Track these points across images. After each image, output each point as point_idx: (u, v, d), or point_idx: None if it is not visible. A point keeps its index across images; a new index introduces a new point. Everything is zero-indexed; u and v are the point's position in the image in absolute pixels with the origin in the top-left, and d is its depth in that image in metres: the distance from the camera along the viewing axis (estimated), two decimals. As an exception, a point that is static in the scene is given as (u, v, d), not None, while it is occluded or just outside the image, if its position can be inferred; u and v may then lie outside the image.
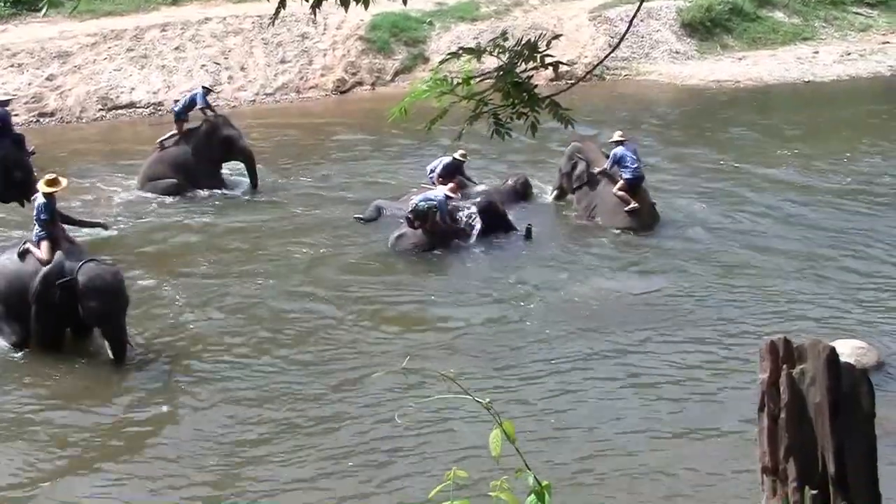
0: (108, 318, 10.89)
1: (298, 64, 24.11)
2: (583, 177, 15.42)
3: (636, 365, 10.96)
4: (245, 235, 14.85)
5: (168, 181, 16.25)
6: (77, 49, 23.16)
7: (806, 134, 20.28)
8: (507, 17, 26.51)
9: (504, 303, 12.58)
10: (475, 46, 4.78)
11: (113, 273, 11.16)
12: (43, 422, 10.00)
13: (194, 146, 16.53)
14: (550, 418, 9.84)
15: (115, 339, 10.89)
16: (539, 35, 5.03)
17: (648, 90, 24.16)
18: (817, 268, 13.54)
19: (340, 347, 11.53)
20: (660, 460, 9.16)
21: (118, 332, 10.90)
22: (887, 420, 9.60)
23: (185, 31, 24.35)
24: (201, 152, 16.45)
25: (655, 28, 26.57)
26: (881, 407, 4.02)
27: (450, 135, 4.96)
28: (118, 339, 10.88)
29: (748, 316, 12.02)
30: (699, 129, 20.91)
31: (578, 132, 14.81)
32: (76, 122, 21.40)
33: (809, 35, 27.54)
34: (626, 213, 14.83)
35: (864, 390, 3.88)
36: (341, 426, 9.82)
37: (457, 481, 3.09)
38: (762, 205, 15.97)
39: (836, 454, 3.81)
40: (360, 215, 15.27)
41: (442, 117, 4.77)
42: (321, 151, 19.15)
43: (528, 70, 4.78)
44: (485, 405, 3.00)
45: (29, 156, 14.35)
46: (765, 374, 3.92)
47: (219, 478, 9.07)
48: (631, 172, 14.98)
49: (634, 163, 15.03)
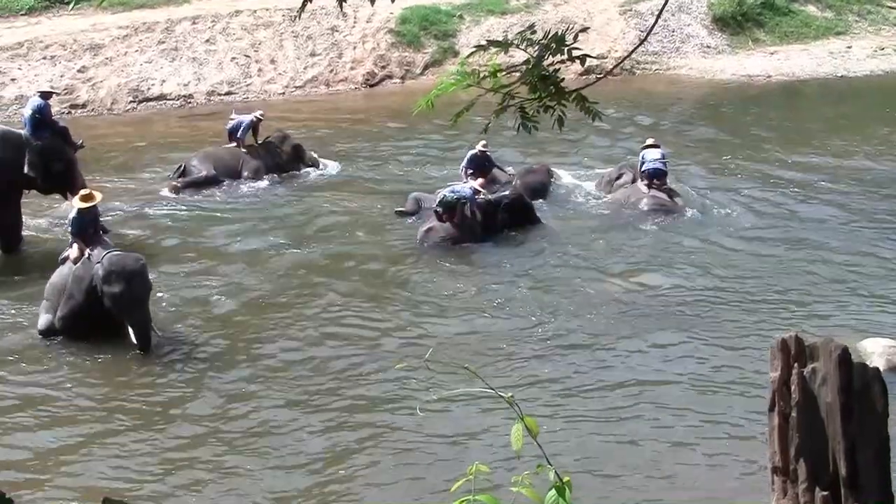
0: (130, 305, 10.94)
1: (328, 57, 24.15)
2: (625, 185, 15.81)
3: (658, 361, 10.89)
4: (276, 228, 14.86)
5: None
6: (109, 41, 23.28)
7: (837, 130, 20.07)
8: (537, 10, 26.42)
9: (528, 298, 12.53)
10: (502, 39, 4.76)
11: (134, 259, 11.28)
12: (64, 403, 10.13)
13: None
14: (571, 413, 9.80)
15: (137, 326, 10.93)
16: (566, 28, 5.00)
17: (679, 85, 24.03)
18: (849, 266, 13.40)
19: (363, 339, 11.54)
20: (678, 457, 9.11)
21: (140, 318, 10.93)
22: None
23: (216, 23, 24.43)
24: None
25: (686, 22, 26.43)
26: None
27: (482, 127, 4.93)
28: (141, 326, 10.92)
29: (775, 316, 11.89)
30: (729, 123, 20.77)
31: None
32: (107, 113, 21.52)
33: (842, 29, 27.30)
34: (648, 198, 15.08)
35: (876, 390, 3.81)
36: (362, 418, 9.82)
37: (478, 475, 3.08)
38: (791, 202, 15.85)
39: (848, 455, 3.75)
40: (400, 208, 15.28)
41: (468, 110, 4.75)
42: (352, 144, 19.15)
43: (555, 63, 4.75)
44: (507, 399, 2.99)
45: (76, 148, 14.34)
46: (776, 372, 3.86)
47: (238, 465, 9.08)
48: (651, 164, 15.37)
49: (658, 161, 15.41)
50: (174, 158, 17.49)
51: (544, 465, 2.97)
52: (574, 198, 16.09)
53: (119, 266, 11.05)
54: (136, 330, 10.94)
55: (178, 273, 13.20)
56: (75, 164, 14.27)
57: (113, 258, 11.17)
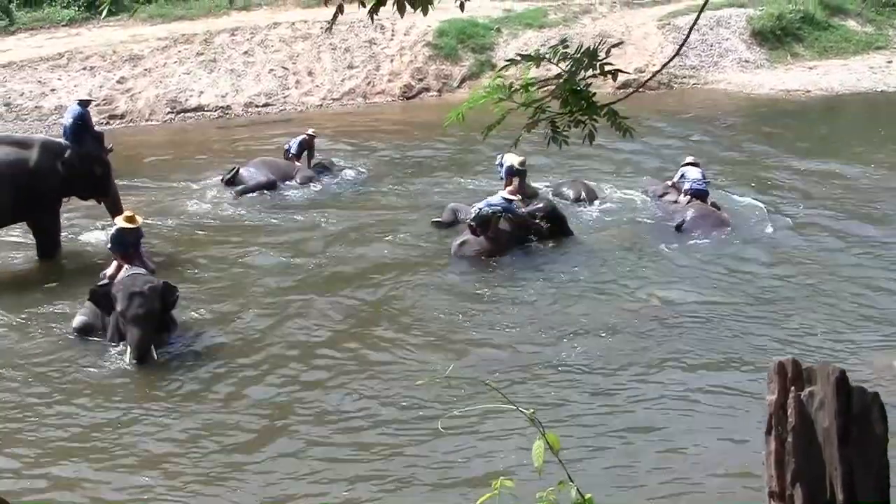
0: (127, 322, 11.08)
1: (366, 69, 24.26)
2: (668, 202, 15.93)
3: (685, 379, 10.72)
4: (310, 238, 14.92)
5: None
6: (148, 52, 23.54)
7: (878, 146, 19.85)
8: (575, 24, 26.44)
9: (558, 313, 12.40)
10: (534, 53, 4.76)
11: (144, 280, 11.36)
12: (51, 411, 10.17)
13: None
14: (594, 430, 9.70)
15: (131, 343, 11.03)
16: (600, 42, 4.99)
17: (717, 99, 23.92)
18: (882, 285, 13.20)
19: (385, 352, 11.48)
20: (703, 476, 8.99)
21: (133, 337, 11.02)
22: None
23: (255, 35, 24.64)
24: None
25: (725, 37, 26.35)
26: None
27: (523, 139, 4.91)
28: (134, 344, 11.00)
29: (810, 333, 11.73)
30: (766, 138, 20.60)
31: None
32: (145, 124, 21.72)
33: (883, 44, 27.11)
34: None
35: (875, 415, 3.75)
36: (383, 433, 9.75)
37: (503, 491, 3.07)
38: (829, 219, 15.60)
39: (845, 480, 3.69)
40: (438, 219, 15.31)
41: (499, 123, 4.76)
42: (388, 156, 19.21)
43: (587, 78, 4.74)
44: (529, 416, 2.98)
45: (107, 153, 14.57)
46: (773, 395, 3.81)
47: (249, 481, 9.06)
48: (692, 184, 15.44)
49: (700, 182, 15.50)
50: (209, 169, 17.66)
51: (566, 482, 2.95)
52: (612, 211, 16.01)
53: (125, 284, 11.28)
54: (130, 347, 11.05)
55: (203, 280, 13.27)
56: (111, 168, 14.55)
57: (126, 277, 11.41)
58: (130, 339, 11.05)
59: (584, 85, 4.72)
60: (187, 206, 16.24)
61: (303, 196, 16.78)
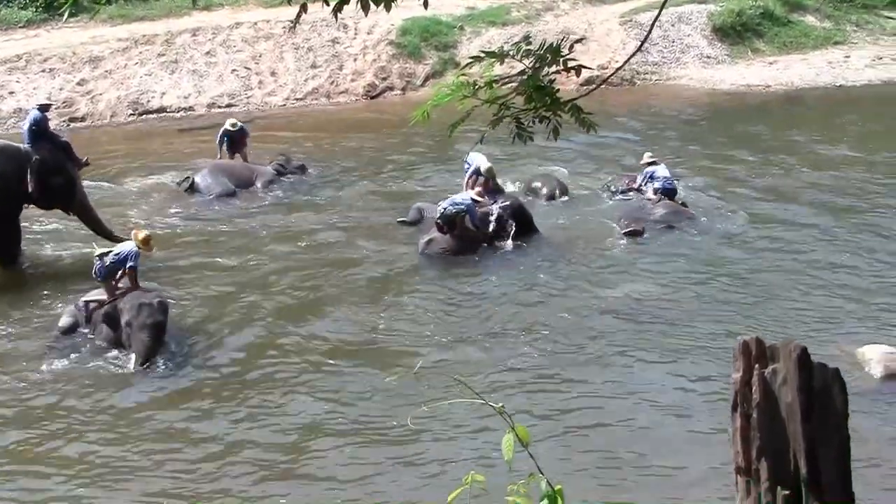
0: (142, 331, 11.23)
1: (329, 69, 24.19)
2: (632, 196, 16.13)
3: (653, 372, 10.86)
4: (280, 239, 14.87)
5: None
6: (108, 54, 23.34)
7: (836, 139, 20.06)
8: (537, 21, 26.48)
9: (525, 309, 12.50)
10: (498, 50, 4.77)
11: (153, 297, 11.65)
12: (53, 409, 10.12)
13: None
14: (564, 423, 9.78)
15: (142, 353, 11.16)
16: (562, 39, 5.01)
17: (679, 95, 24.04)
18: (846, 275, 13.38)
19: (355, 349, 11.54)
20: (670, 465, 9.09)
21: (146, 346, 11.18)
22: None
23: (216, 35, 24.49)
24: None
25: (686, 33, 26.48)
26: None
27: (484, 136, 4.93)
28: (145, 354, 11.14)
29: (775, 325, 11.85)
30: (728, 133, 20.77)
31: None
32: (106, 126, 21.54)
33: (841, 39, 27.33)
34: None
35: (836, 390, 3.87)
36: (353, 430, 9.79)
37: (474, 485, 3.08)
38: (790, 211, 15.81)
39: (808, 454, 3.82)
40: (403, 218, 15.30)
41: (464, 121, 4.77)
42: (353, 155, 19.16)
43: (551, 74, 4.76)
44: (498, 409, 3.00)
45: (82, 165, 14.29)
46: (738, 373, 3.94)
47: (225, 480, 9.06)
48: (662, 182, 15.62)
49: (669, 180, 15.71)
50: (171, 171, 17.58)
51: (536, 474, 2.97)
52: (578, 207, 16.06)
53: (134, 296, 11.58)
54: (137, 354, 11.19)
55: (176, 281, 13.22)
56: (77, 181, 14.18)
57: (132, 295, 11.66)
58: (138, 346, 11.19)
59: (547, 81, 4.74)
60: (148, 210, 16.14)
61: (265, 200, 16.68)
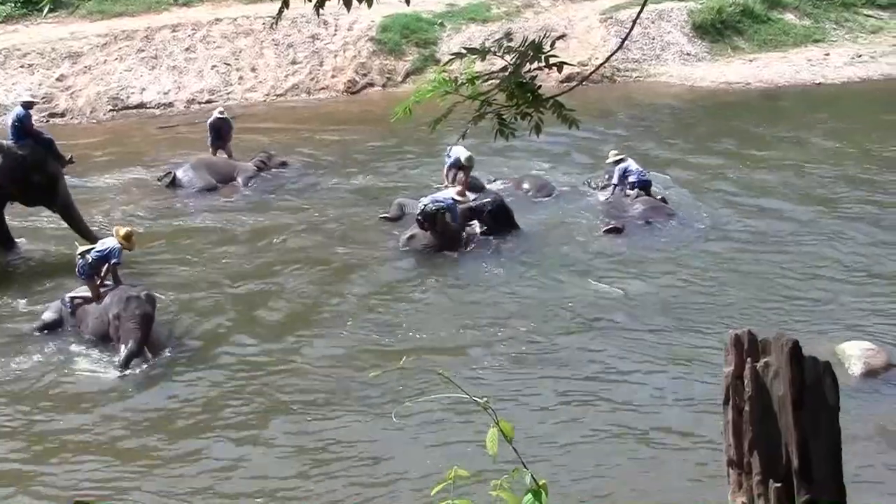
0: (129, 323, 11.23)
1: (309, 65, 24.15)
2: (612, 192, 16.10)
3: (635, 368, 10.90)
4: (261, 234, 14.86)
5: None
6: (88, 49, 23.24)
7: (816, 136, 20.18)
8: (517, 18, 26.52)
9: (506, 305, 12.53)
10: (479, 47, 4.77)
11: (141, 290, 11.67)
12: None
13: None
14: (547, 417, 9.81)
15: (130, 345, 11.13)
16: (544, 35, 5.01)
17: (659, 92, 24.12)
18: (826, 271, 13.45)
19: (339, 345, 11.54)
20: (653, 460, 9.12)
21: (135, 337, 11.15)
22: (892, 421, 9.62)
23: (196, 31, 24.42)
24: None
25: (666, 30, 26.55)
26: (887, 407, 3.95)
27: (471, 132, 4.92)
28: (134, 346, 11.13)
29: (757, 320, 11.89)
30: (707, 130, 20.87)
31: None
32: (86, 122, 21.45)
33: (820, 37, 27.47)
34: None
35: (828, 383, 3.88)
36: (338, 424, 9.80)
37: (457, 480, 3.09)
38: (769, 207, 15.90)
39: (800, 447, 3.83)
40: (385, 214, 15.30)
41: (446, 117, 4.77)
42: (334, 151, 19.15)
43: (532, 70, 4.77)
44: (482, 404, 3.00)
45: (65, 163, 14.17)
46: (730, 367, 3.94)
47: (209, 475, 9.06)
48: (637, 175, 15.69)
49: (643, 173, 15.80)
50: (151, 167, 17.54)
51: (520, 468, 2.98)
52: (559, 204, 16.10)
53: (122, 290, 11.64)
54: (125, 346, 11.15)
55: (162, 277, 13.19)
56: (60, 178, 14.08)
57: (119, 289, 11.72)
58: (126, 338, 11.18)
59: (529, 78, 4.74)
60: (129, 206, 16.09)
61: (246, 196, 16.66)
